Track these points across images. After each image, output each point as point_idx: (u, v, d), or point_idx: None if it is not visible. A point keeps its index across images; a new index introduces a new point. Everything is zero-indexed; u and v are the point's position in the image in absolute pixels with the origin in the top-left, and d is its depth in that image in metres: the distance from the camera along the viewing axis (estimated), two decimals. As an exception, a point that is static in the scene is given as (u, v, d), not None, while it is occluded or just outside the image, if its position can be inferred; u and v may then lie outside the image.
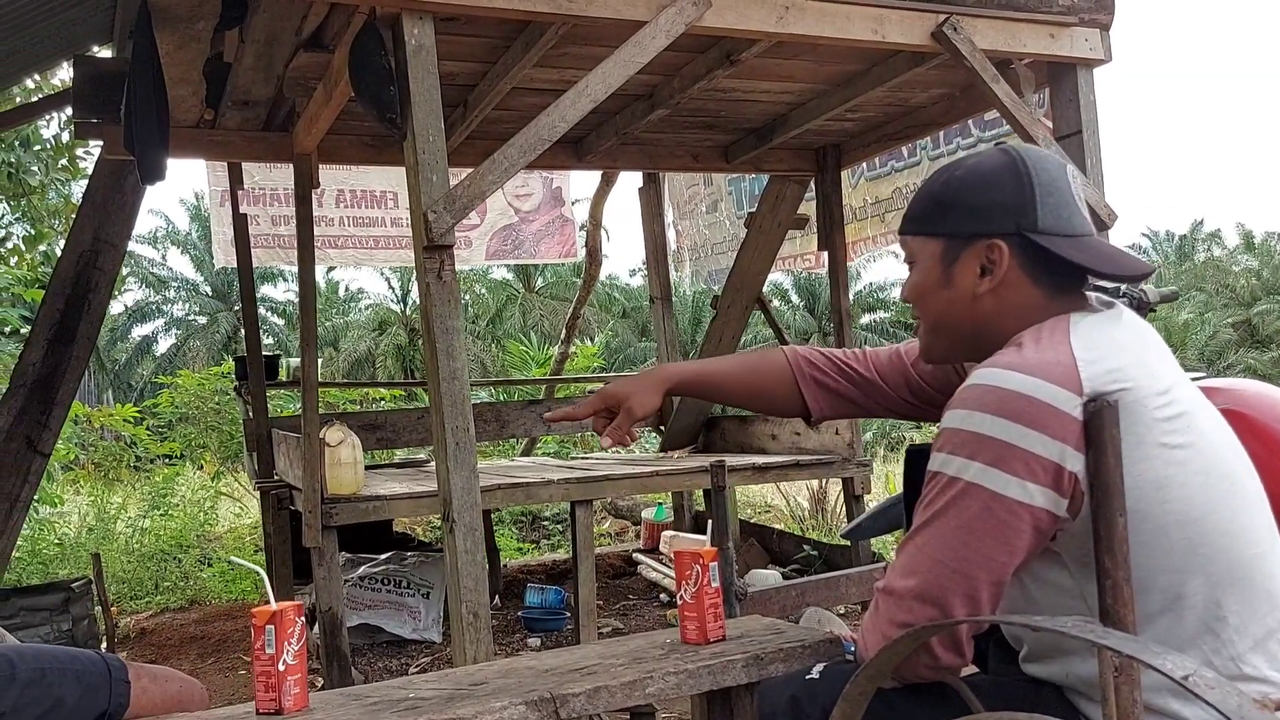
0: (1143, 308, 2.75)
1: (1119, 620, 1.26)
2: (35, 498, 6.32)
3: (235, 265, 5.46)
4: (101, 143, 4.56)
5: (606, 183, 8.23)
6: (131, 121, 3.29)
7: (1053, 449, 1.26)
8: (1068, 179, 1.45)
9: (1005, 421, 1.28)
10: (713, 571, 1.70)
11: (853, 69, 4.14)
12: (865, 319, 32.25)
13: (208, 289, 32.35)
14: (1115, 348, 1.34)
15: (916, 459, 1.63)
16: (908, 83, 4.22)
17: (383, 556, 5.31)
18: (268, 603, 1.53)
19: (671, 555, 6.26)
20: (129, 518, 8.09)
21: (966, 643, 1.35)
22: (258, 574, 1.62)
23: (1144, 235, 39.54)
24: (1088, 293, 1.47)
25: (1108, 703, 1.25)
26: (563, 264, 28.56)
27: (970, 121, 5.80)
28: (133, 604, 6.28)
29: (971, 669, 1.55)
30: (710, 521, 1.85)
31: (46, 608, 4.65)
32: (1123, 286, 2.82)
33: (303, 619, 1.53)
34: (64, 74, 7.01)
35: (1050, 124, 3.81)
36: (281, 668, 1.48)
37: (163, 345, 31.62)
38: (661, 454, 6.05)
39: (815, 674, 1.54)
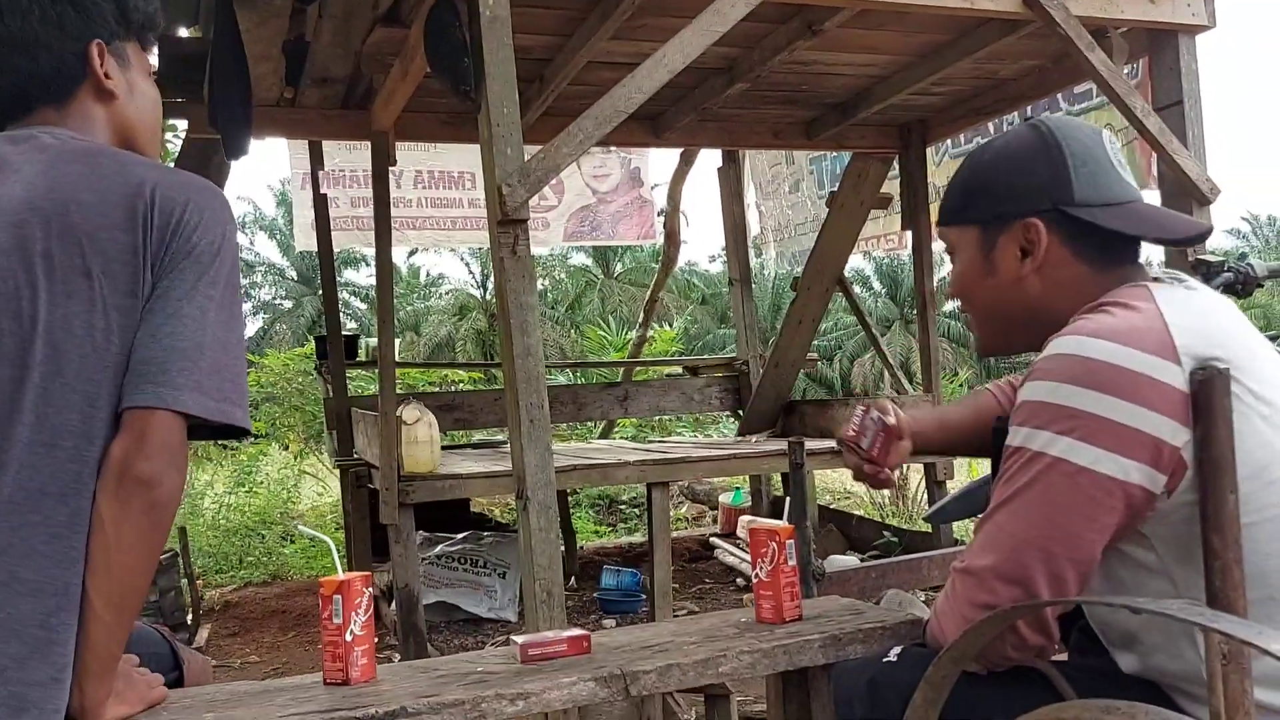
0: (1249, 282, 2.59)
1: (1229, 604, 1.19)
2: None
3: (316, 248, 5.52)
4: (186, 123, 4.66)
5: (685, 162, 8.12)
6: (215, 99, 3.33)
7: (1150, 422, 1.19)
8: (1104, 145, 1.39)
9: (1095, 394, 1.20)
10: (789, 549, 1.64)
11: (940, 39, 4.01)
12: (949, 305, 31.63)
13: (293, 274, 33.08)
14: (1203, 314, 1.28)
15: (1004, 435, 1.55)
16: (997, 53, 4.08)
17: (459, 536, 5.34)
18: (337, 574, 1.52)
19: (748, 536, 6.20)
20: (216, 494, 8.30)
21: (1053, 624, 1.27)
22: (325, 543, 1.62)
23: (1243, 219, 37.94)
24: (1164, 272, 1.39)
25: (1214, 694, 1.17)
26: (642, 250, 28.56)
27: (1059, 95, 5.60)
28: (218, 578, 6.44)
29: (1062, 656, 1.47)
30: (788, 502, 1.79)
31: (136, 579, 4.74)
32: (1228, 261, 2.67)
33: (370, 590, 1.52)
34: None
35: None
36: (349, 638, 1.47)
37: (250, 329, 32.45)
38: (739, 438, 5.97)
39: (893, 657, 1.48)
